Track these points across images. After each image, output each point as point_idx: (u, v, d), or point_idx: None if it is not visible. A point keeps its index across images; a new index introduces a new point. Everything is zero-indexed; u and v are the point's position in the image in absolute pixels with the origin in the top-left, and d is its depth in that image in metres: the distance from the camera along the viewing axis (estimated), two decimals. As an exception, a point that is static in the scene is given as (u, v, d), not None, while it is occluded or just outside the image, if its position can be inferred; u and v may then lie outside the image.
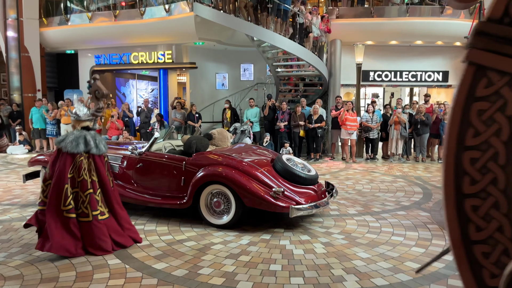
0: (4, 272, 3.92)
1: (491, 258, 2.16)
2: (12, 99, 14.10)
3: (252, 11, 11.94)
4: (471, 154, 2.07)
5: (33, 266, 4.03)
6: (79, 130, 4.69)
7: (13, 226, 5.33)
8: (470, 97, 2.09)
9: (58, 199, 4.29)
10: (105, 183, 4.58)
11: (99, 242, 4.29)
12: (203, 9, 11.59)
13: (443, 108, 11.07)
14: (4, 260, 4.20)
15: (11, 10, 13.94)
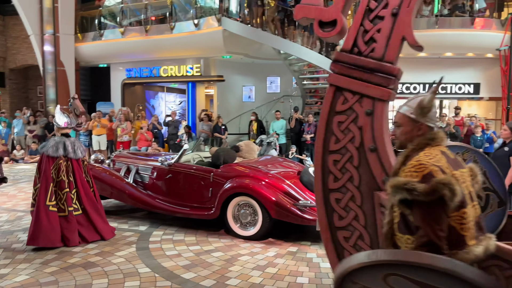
0: (40, 278, 4.06)
1: (350, 242, 2.66)
2: (47, 111, 14.59)
3: (279, 24, 12.17)
4: (334, 157, 2.62)
5: (67, 273, 4.16)
6: (59, 137, 5.31)
7: None
8: (332, 111, 2.70)
9: (45, 196, 4.96)
10: (81, 184, 5.25)
11: (71, 234, 4.99)
12: (231, 24, 11.86)
13: (474, 121, 10.79)
14: (40, 266, 4.35)
15: (48, 25, 14.54)
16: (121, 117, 11.77)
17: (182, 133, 11.94)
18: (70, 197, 5.07)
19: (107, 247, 4.84)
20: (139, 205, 5.86)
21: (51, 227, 4.87)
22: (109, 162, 7.47)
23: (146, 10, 14.21)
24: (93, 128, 12.01)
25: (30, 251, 4.89)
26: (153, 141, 11.43)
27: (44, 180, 5.01)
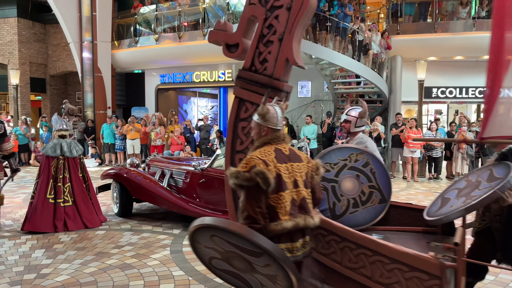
0: (80, 278, 4.22)
1: None
2: (85, 115, 15.09)
3: (311, 29, 12.12)
4: (239, 156, 3.13)
5: (106, 274, 4.30)
6: (57, 139, 6.24)
7: (87, 234, 5.74)
8: (237, 118, 3.30)
9: (45, 190, 5.91)
10: (75, 179, 6.14)
11: (58, 222, 5.89)
12: None
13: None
14: (80, 267, 4.52)
15: (87, 33, 14.93)
16: (155, 122, 12.07)
17: (214, 138, 12.09)
18: (61, 190, 5.99)
19: (142, 249, 4.98)
20: (173, 208, 5.99)
21: (46, 216, 5.87)
22: (144, 166, 7.69)
23: (180, 17, 14.47)
24: (128, 133, 12.39)
25: (71, 250, 5.08)
26: (185, 145, 11.65)
27: (45, 176, 5.97)
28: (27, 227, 5.82)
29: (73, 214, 6.08)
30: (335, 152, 3.72)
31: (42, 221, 5.87)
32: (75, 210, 6.10)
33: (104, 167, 12.00)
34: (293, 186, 2.64)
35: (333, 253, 3.04)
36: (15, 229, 6.13)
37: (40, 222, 5.86)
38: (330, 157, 3.71)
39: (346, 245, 2.96)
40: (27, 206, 6.24)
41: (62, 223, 5.94)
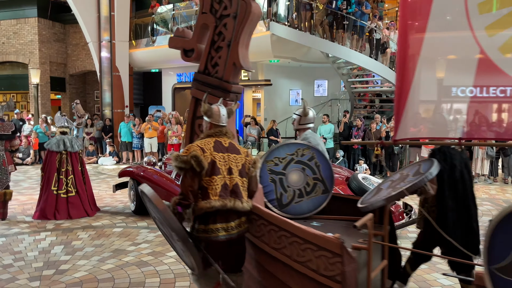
0: (98, 275, 4.30)
1: None
2: (103, 114, 15.40)
3: (328, 28, 12.18)
4: None
5: (122, 271, 4.38)
6: (60, 135, 6.80)
7: (105, 232, 5.84)
8: (194, 116, 3.80)
9: (50, 182, 6.51)
10: (76, 172, 6.73)
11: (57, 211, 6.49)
12: (279, 28, 11.93)
13: None
14: (98, 263, 4.61)
15: (105, 33, 15.11)
16: (172, 121, 12.22)
17: None
18: (63, 182, 6.59)
19: (158, 247, 5.06)
20: (188, 206, 6.09)
21: (50, 205, 6.52)
22: (160, 164, 7.78)
23: (196, 16, 14.47)
24: (145, 131, 12.56)
25: (89, 247, 5.18)
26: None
27: (50, 170, 6.58)
28: (35, 216, 6.53)
29: (76, 203, 6.71)
30: (283, 147, 4.00)
31: (46, 210, 6.52)
32: (78, 199, 6.73)
33: (122, 165, 12.24)
34: (227, 173, 3.05)
35: (263, 236, 3.25)
36: (35, 225, 6.29)
37: (45, 211, 6.52)
38: (279, 152, 3.98)
39: (271, 228, 3.16)
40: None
41: (63, 212, 6.57)
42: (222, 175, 3.07)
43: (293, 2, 12.39)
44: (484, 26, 3.28)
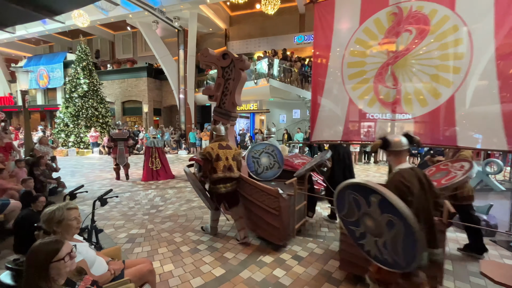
0: (178, 213, 4.51)
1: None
2: (181, 127, 15.54)
3: (300, 81, 12.87)
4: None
5: (191, 211, 4.66)
6: (152, 138, 7.18)
7: (182, 189, 6.02)
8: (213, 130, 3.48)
9: (147, 162, 7.00)
10: (160, 157, 7.15)
11: (153, 176, 6.99)
12: (274, 82, 12.11)
13: None
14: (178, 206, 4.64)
15: (182, 84, 15.44)
16: None
17: (247, 140, 12.84)
18: (153, 162, 7.08)
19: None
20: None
21: (148, 173, 7.04)
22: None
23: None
24: (203, 136, 13.04)
25: (174, 198, 5.35)
26: (231, 144, 12.80)
27: (147, 156, 7.12)
28: (142, 179, 7.03)
29: (162, 172, 7.21)
30: (259, 145, 4.13)
31: (147, 176, 7.04)
32: (163, 170, 7.22)
33: (190, 155, 12.84)
34: (225, 159, 3.19)
35: (245, 189, 3.34)
36: (146, 185, 6.50)
37: (146, 176, 7.03)
38: (257, 147, 4.14)
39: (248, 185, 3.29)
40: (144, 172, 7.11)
41: (154, 177, 7.07)
42: (223, 161, 3.18)
43: (281, 68, 12.45)
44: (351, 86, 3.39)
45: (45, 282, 1.26)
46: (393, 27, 3.07)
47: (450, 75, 2.75)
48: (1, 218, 3.53)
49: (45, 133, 13.76)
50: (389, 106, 3.11)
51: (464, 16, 2.63)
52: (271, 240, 3.28)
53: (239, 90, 3.84)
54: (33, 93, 19.73)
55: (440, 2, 2.78)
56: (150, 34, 15.61)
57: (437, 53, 2.78)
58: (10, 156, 5.92)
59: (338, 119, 3.52)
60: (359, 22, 3.28)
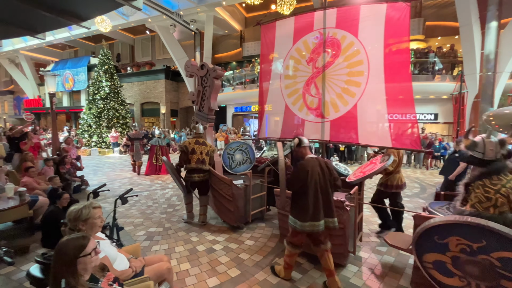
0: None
1: None
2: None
3: None
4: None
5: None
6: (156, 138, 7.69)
7: None
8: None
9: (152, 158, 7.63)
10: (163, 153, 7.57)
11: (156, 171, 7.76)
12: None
13: (434, 136, 10.74)
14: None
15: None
16: (231, 131, 13.29)
17: (262, 141, 12.64)
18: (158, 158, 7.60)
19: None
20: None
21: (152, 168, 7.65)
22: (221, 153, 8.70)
23: (245, 75, 14.77)
24: (218, 137, 13.36)
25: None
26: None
27: (152, 153, 7.67)
28: (145, 173, 7.76)
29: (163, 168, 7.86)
30: (235, 143, 4.50)
31: (150, 170, 7.75)
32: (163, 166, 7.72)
33: None
34: (199, 153, 3.72)
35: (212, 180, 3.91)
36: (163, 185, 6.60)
37: (149, 170, 7.76)
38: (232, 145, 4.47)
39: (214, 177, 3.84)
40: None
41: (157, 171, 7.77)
42: (197, 154, 3.73)
43: None
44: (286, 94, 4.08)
45: (72, 277, 1.30)
46: (316, 48, 3.86)
47: (354, 88, 3.52)
48: (31, 213, 3.71)
49: (70, 134, 14.43)
50: (313, 111, 3.85)
51: (364, 42, 3.42)
52: (228, 222, 3.85)
53: (214, 96, 4.32)
54: (59, 95, 20.81)
55: (348, 30, 3.58)
56: (167, 37, 16.00)
57: (346, 70, 3.58)
58: (38, 155, 6.26)
59: (277, 120, 4.24)
60: (293, 42, 4.04)
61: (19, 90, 24.89)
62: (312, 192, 2.39)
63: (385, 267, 2.96)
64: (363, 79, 3.43)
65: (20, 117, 23.67)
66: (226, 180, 3.55)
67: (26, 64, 21.96)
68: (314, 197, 2.40)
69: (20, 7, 3.35)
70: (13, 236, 3.56)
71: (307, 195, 2.40)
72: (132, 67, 18.24)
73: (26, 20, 3.79)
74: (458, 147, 4.69)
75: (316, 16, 3.80)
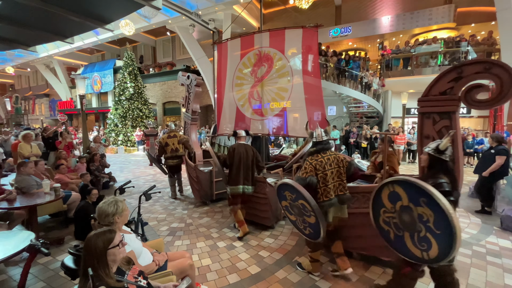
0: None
1: None
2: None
3: (336, 77, 12.56)
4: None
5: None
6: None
7: None
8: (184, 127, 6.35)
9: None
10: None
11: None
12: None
13: (466, 131, 10.19)
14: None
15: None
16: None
17: (280, 138, 12.84)
18: None
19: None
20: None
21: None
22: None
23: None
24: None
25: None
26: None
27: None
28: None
29: None
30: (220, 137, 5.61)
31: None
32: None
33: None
34: (171, 145, 4.82)
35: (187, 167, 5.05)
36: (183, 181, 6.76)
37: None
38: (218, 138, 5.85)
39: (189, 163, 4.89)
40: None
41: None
42: (170, 146, 4.98)
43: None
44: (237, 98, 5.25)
45: (102, 268, 1.38)
46: (256, 62, 5.04)
47: (283, 93, 4.77)
48: (65, 207, 3.98)
49: (99, 133, 15.24)
50: (257, 111, 5.04)
51: (288, 58, 4.70)
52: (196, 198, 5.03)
53: (196, 100, 5.54)
54: (89, 97, 22.06)
55: (277, 49, 4.83)
56: (187, 37, 16.38)
57: (277, 80, 4.80)
58: (71, 154, 6.72)
59: (230, 119, 5.40)
60: (240, 57, 5.22)
61: (53, 93, 26.71)
62: (236, 165, 3.46)
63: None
64: (289, 86, 4.70)
65: (55, 118, 25.36)
66: (191, 165, 4.69)
67: (59, 69, 23.50)
68: (237, 169, 3.47)
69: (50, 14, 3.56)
70: (49, 229, 3.86)
71: (233, 166, 3.48)
72: (154, 68, 18.50)
73: (56, 25, 4.04)
74: (494, 143, 4.57)
75: (256, 38, 4.99)
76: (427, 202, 1.70)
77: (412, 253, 1.84)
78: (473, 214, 4.47)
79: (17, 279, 2.71)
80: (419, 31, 13.67)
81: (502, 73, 1.92)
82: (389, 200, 1.93)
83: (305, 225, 2.47)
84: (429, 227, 1.73)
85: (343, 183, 2.61)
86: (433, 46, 11.50)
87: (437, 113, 2.22)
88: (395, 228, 1.95)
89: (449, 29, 13.05)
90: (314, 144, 2.65)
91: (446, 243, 1.67)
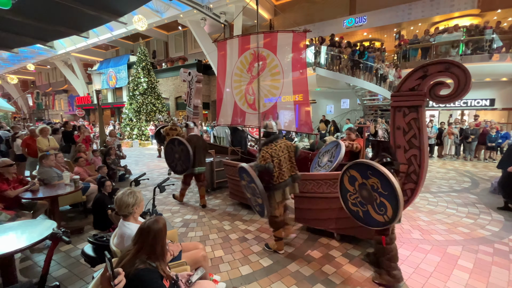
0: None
1: None
2: None
3: (350, 69, 12.25)
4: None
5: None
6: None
7: None
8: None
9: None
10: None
11: None
12: (320, 70, 11.72)
13: (489, 124, 9.80)
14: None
15: None
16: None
17: (292, 132, 12.68)
18: None
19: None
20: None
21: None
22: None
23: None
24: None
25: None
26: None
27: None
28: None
29: None
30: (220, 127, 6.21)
31: None
32: None
33: None
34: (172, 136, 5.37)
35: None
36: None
37: None
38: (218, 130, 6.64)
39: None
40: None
41: None
42: (170, 136, 5.70)
43: (329, 55, 12.07)
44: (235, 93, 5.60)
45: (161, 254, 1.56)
46: (252, 61, 5.44)
47: (275, 90, 5.23)
48: (84, 198, 4.14)
49: (115, 127, 15.65)
50: (251, 105, 5.42)
51: (279, 58, 5.12)
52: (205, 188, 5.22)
53: (197, 95, 5.93)
54: (104, 92, 22.69)
55: (270, 50, 5.24)
56: (198, 31, 16.38)
57: (270, 78, 5.23)
58: (89, 147, 6.95)
59: (229, 111, 5.73)
60: (238, 56, 5.56)
61: (72, 89, 27.61)
62: (192, 151, 4.29)
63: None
64: (280, 83, 5.13)
65: (73, 113, 26.34)
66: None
67: (76, 65, 24.22)
68: (193, 155, 4.31)
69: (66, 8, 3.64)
70: (70, 218, 4.04)
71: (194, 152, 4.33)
72: (166, 63, 18.72)
73: (72, 19, 4.14)
74: None
75: (252, 38, 5.39)
76: (372, 172, 2.24)
77: (378, 220, 2.29)
78: (495, 211, 4.34)
79: (41, 265, 2.83)
80: (439, 19, 13.04)
81: (459, 72, 2.16)
82: (349, 184, 2.43)
83: (256, 204, 2.92)
84: (380, 192, 2.22)
85: (294, 165, 3.07)
86: (455, 34, 10.95)
87: (407, 106, 2.42)
88: (360, 206, 2.41)
89: (473, 16, 12.37)
90: (267, 134, 3.08)
91: (393, 198, 2.14)
